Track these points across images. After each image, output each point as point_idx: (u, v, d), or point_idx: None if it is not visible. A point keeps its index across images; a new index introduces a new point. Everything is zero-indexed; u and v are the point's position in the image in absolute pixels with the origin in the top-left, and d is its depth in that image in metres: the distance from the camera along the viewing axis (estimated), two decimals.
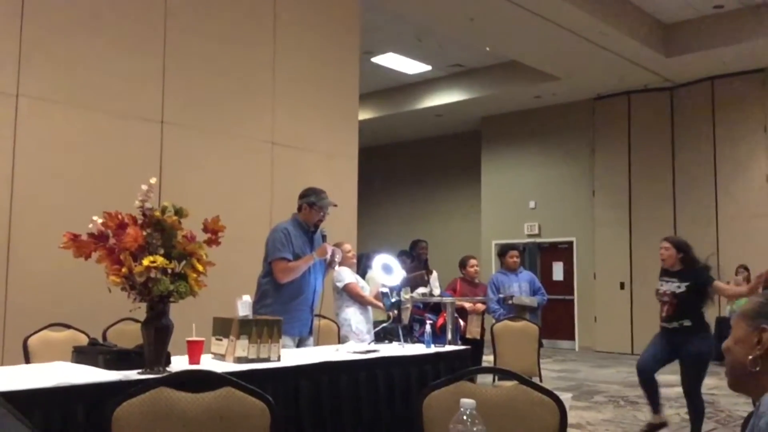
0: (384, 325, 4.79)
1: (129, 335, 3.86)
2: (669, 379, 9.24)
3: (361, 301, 5.64)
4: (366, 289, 5.86)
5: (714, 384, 8.81)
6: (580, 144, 13.81)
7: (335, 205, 4.65)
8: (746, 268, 10.58)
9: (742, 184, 11.90)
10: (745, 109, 11.91)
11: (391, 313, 5.43)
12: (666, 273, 5.46)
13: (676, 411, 6.86)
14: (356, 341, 5.04)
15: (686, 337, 5.26)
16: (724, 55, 11.03)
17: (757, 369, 1.43)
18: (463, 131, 15.77)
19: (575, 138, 13.90)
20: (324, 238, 4.65)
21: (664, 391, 8.10)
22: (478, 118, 14.97)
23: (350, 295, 5.67)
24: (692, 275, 5.29)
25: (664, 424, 5.33)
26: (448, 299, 6.37)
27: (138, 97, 5.87)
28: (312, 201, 4.57)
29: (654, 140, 12.81)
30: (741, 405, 6.97)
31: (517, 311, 6.60)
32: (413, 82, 13.82)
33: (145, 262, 2.71)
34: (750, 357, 1.44)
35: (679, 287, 5.30)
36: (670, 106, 12.77)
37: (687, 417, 6.51)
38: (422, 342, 4.66)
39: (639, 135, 13.01)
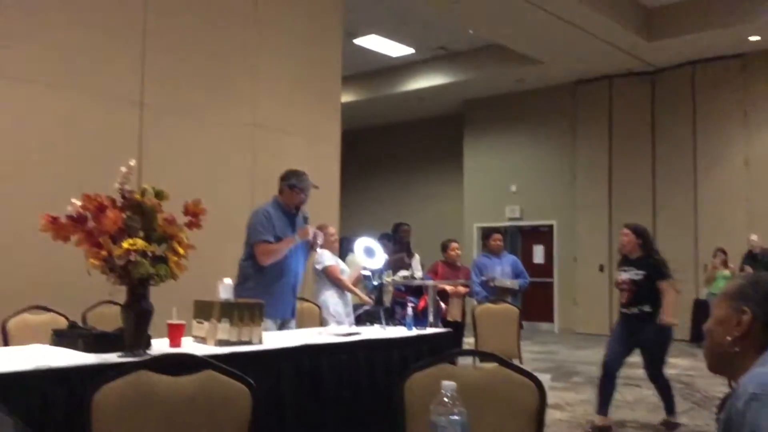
0: (366, 307, 4.80)
1: (109, 318, 3.83)
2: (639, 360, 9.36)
3: (338, 285, 5.65)
4: (346, 272, 5.86)
5: (691, 365, 8.94)
6: (562, 128, 13.86)
7: (316, 187, 4.63)
8: (724, 252, 10.71)
9: (721, 168, 12.02)
10: (725, 93, 12.01)
11: (369, 298, 5.45)
12: (625, 262, 5.52)
13: (652, 391, 6.95)
14: (334, 324, 5.05)
15: (645, 323, 5.31)
16: (704, 39, 11.09)
17: (736, 350, 1.45)
18: (445, 114, 15.76)
19: (557, 122, 13.95)
20: (306, 220, 4.63)
21: (633, 372, 8.23)
22: (460, 101, 14.96)
23: (329, 278, 5.68)
24: (650, 266, 5.35)
25: (609, 428, 5.35)
26: (429, 282, 6.40)
27: (117, 78, 5.80)
28: (293, 183, 4.54)
29: (635, 124, 12.88)
30: (717, 386, 7.08)
31: (499, 294, 6.64)
32: (396, 65, 13.76)
33: (125, 245, 2.69)
34: (729, 338, 1.46)
35: (637, 274, 5.35)
36: (651, 91, 12.84)
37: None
38: (404, 325, 4.68)
39: (620, 119, 13.08)
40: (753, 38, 11.17)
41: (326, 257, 5.67)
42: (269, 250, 4.37)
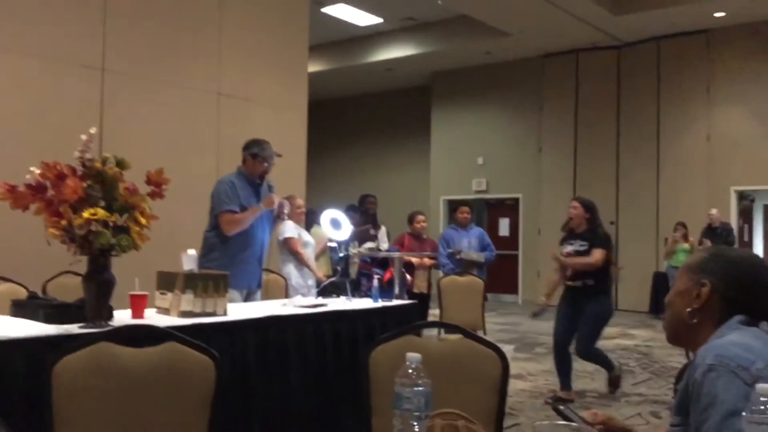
0: (332, 279, 4.79)
1: (69, 289, 3.77)
2: (608, 331, 9.56)
3: (297, 258, 5.61)
4: (311, 244, 5.83)
5: (649, 336, 9.16)
6: (529, 101, 13.92)
7: (279, 155, 4.58)
8: (684, 225, 10.92)
9: (683, 143, 12.21)
10: (689, 69, 12.15)
11: (324, 276, 5.44)
12: (570, 236, 5.55)
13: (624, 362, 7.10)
14: (300, 296, 5.03)
15: (588, 296, 5.34)
16: (670, 15, 11.18)
17: (695, 321, 1.48)
18: (413, 86, 15.70)
19: (524, 95, 13.99)
20: (270, 188, 4.59)
21: (602, 343, 8.40)
22: (428, 73, 14.90)
23: (289, 250, 5.65)
24: (593, 237, 5.36)
25: (571, 400, 5.38)
26: (395, 254, 6.41)
27: (77, 43, 5.64)
28: (255, 152, 4.49)
29: (600, 99, 12.99)
30: (675, 356, 7.26)
31: (466, 266, 6.69)
32: (364, 35, 13.63)
33: (86, 214, 2.64)
34: (689, 309, 1.49)
35: (582, 245, 5.37)
36: (616, 65, 12.93)
37: (623, 368, 6.77)
38: (369, 296, 4.69)
39: (586, 93, 13.18)
40: (718, 14, 11.30)
41: (288, 229, 5.63)
42: (234, 219, 4.33)
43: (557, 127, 13.46)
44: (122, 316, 3.18)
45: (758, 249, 13.02)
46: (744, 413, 1.05)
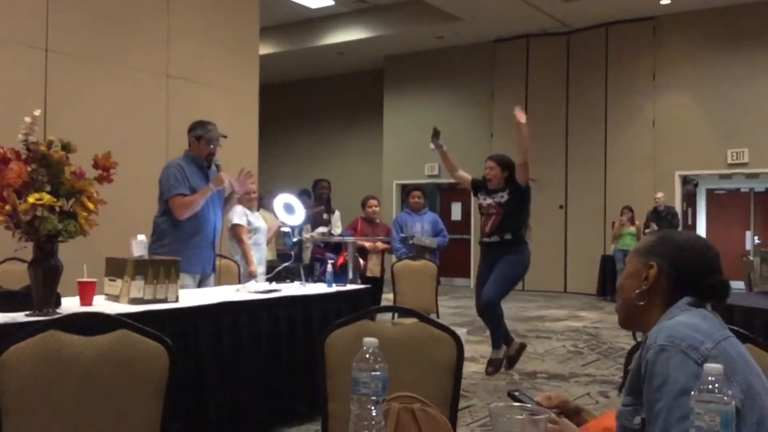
0: (286, 264, 4.76)
1: (15, 276, 3.67)
2: (557, 313, 9.75)
3: (239, 247, 5.52)
4: (261, 229, 5.74)
5: (597, 318, 9.37)
6: (481, 86, 14.01)
7: (225, 137, 4.52)
8: (630, 209, 11.19)
9: (630, 129, 12.47)
10: (636, 56, 12.39)
11: (273, 257, 5.38)
12: (490, 192, 5.40)
13: (561, 343, 7.26)
14: (252, 281, 4.99)
15: (504, 250, 5.18)
16: (618, 1, 11.37)
17: (643, 303, 1.51)
18: (366, 70, 15.64)
19: (476, 80, 14.08)
20: (218, 167, 4.52)
21: (544, 325, 8.58)
22: (381, 57, 14.86)
23: (234, 237, 5.55)
24: (514, 189, 5.25)
25: (522, 346, 5.36)
26: (348, 239, 6.41)
27: (19, 22, 5.45)
28: (199, 134, 4.42)
29: (550, 84, 13.16)
30: (622, 338, 7.45)
31: (418, 251, 6.72)
32: (315, 17, 13.49)
33: (31, 199, 2.56)
34: (637, 291, 1.52)
35: (503, 197, 5.23)
36: (566, 51, 13.11)
37: (572, 349, 6.94)
38: (323, 281, 4.69)
39: (536, 79, 13.33)
40: (664, 2, 11.54)
41: (237, 215, 5.54)
42: (185, 202, 4.26)
43: (508, 112, 13.44)
44: (70, 304, 3.11)
45: (701, 232, 13.41)
46: (694, 392, 1.08)
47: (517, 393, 1.55)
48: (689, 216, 13.66)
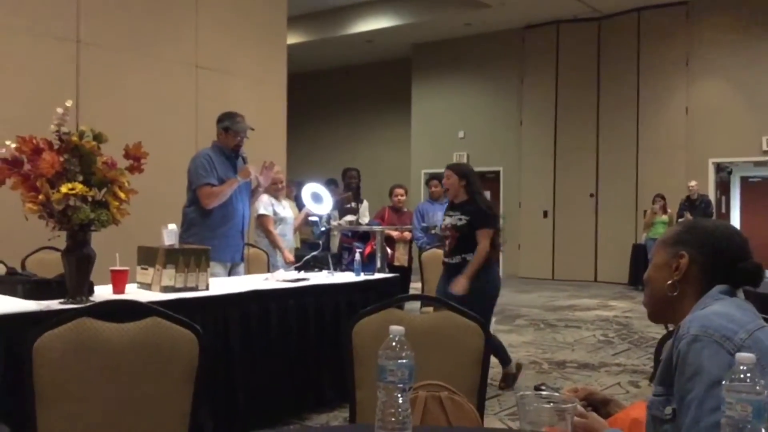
0: (314, 253, 4.78)
1: (49, 264, 3.74)
2: (588, 303, 9.68)
3: (268, 238, 5.53)
4: (287, 219, 5.72)
5: (628, 307, 9.27)
6: (510, 73, 13.89)
7: (252, 129, 4.56)
8: (663, 197, 11.03)
9: (662, 115, 12.27)
10: (669, 41, 12.17)
11: (293, 258, 5.36)
12: (451, 207, 4.90)
13: (592, 333, 7.21)
14: (281, 270, 5.01)
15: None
16: None
17: (675, 294, 1.49)
18: (393, 58, 15.59)
19: (505, 67, 13.95)
20: (244, 160, 4.57)
21: (573, 314, 8.51)
22: (409, 45, 14.80)
23: (260, 227, 5.56)
24: (473, 212, 4.66)
25: (514, 374, 4.96)
26: (376, 228, 6.42)
27: (51, 14, 5.52)
28: (227, 125, 4.48)
29: (581, 71, 12.99)
30: (653, 327, 7.37)
31: (439, 240, 6.67)
32: (344, 6, 13.47)
33: (64, 189, 2.60)
34: (669, 282, 1.50)
35: (460, 219, 4.69)
36: (597, 37, 12.92)
37: (603, 338, 6.88)
38: (351, 270, 4.70)
39: (566, 65, 13.17)
40: None
41: (263, 205, 5.54)
42: (213, 192, 4.32)
43: (537, 99, 13.45)
44: (103, 292, 3.16)
45: (735, 220, 13.16)
46: (725, 382, 1.07)
47: (543, 387, 1.55)
48: (723, 204, 13.41)
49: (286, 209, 5.81)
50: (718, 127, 11.70)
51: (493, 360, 4.18)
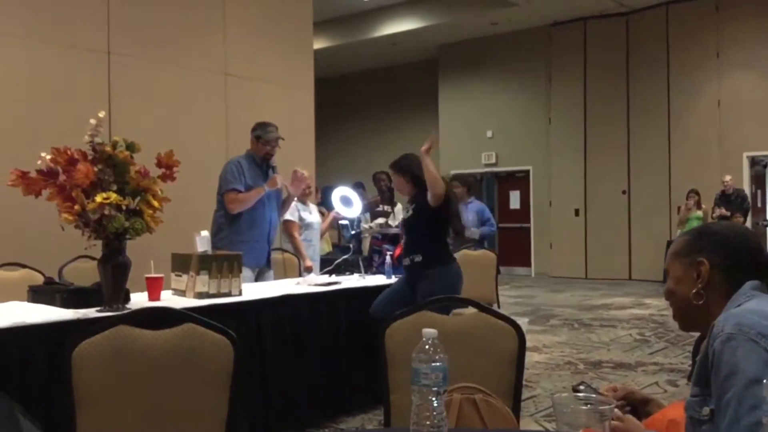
0: (345, 257, 4.80)
1: (85, 273, 3.81)
2: (622, 301, 9.56)
3: (291, 243, 5.52)
4: (313, 224, 5.70)
5: (664, 305, 9.12)
6: (537, 71, 13.79)
7: (282, 139, 4.62)
8: (697, 193, 10.85)
9: (694, 110, 12.09)
10: (699, 34, 11.98)
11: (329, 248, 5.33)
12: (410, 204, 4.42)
13: (627, 332, 7.12)
14: (313, 275, 5.03)
15: (418, 275, 4.06)
16: None
17: (702, 302, 1.47)
18: (419, 60, 15.57)
19: (532, 66, 13.86)
20: (273, 169, 4.62)
21: (608, 313, 8.41)
22: (434, 46, 14.78)
23: (285, 231, 5.54)
24: (417, 196, 4.19)
25: None
26: None
27: (82, 26, 5.62)
28: (258, 134, 4.57)
29: (609, 67, 12.85)
30: None
31: (460, 242, 6.61)
32: (368, 9, 13.50)
33: (98, 198, 2.65)
34: (693, 291, 1.48)
35: (408, 212, 4.25)
36: (625, 33, 12.77)
37: (639, 337, 6.79)
38: (382, 273, 4.71)
39: (595, 62, 13.04)
40: None
41: (288, 211, 5.52)
42: (238, 198, 4.41)
43: (566, 97, 13.34)
44: (139, 299, 3.20)
45: None
46: (765, 380, 1.05)
47: (581, 387, 1.53)
48: (758, 198, 13.16)
49: (313, 214, 5.81)
50: (752, 120, 11.49)
51: (528, 360, 4.06)
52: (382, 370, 2.15)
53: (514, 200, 14.32)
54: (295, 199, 5.43)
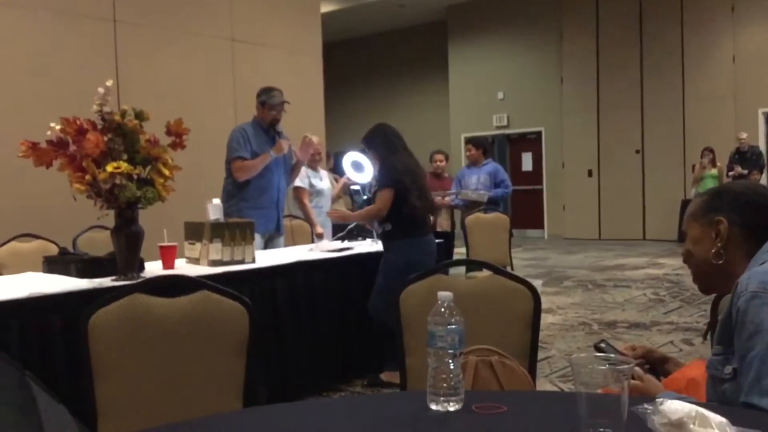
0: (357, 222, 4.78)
1: (99, 243, 3.83)
2: (636, 261, 9.53)
3: (301, 210, 5.50)
4: (324, 190, 5.68)
5: (678, 264, 9.09)
6: (548, 31, 13.58)
7: (287, 103, 4.57)
8: (711, 151, 10.73)
9: (708, 66, 11.89)
10: None
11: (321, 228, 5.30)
12: None
13: (642, 291, 7.11)
14: (326, 240, 5.02)
15: (386, 245, 4.00)
16: None
17: (723, 261, 1.45)
18: (428, 22, 15.38)
19: (543, 25, 13.65)
20: (280, 134, 4.59)
21: (622, 273, 8.39)
22: (443, 7, 14.57)
23: (295, 198, 5.52)
24: (380, 176, 4.06)
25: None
26: None
27: None
28: (263, 100, 4.53)
29: (622, 23, 12.63)
30: None
31: (471, 205, 6.60)
32: None
33: (109, 168, 2.64)
34: (713, 251, 1.46)
35: (372, 182, 4.17)
36: None
37: (653, 297, 6.78)
38: None
39: (607, 18, 12.81)
40: None
41: (298, 177, 5.49)
42: (244, 166, 4.39)
43: (578, 55, 13.14)
44: (153, 268, 3.22)
45: None
46: None
47: (603, 345, 1.52)
48: None
49: (323, 181, 5.78)
50: None
51: (542, 322, 4.09)
52: (397, 334, 2.15)
53: (527, 162, 14.23)
54: (306, 165, 5.41)
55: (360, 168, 5.30)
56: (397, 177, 3.89)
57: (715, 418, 1.02)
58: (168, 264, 3.28)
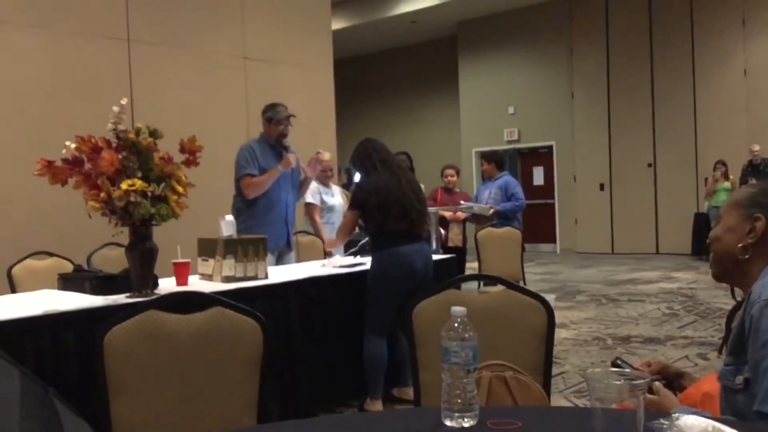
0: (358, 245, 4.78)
1: (113, 260, 3.85)
2: (650, 275, 9.47)
3: (312, 226, 5.51)
4: (335, 206, 5.69)
5: (692, 278, 9.04)
6: (558, 45, 13.61)
7: (293, 116, 4.59)
8: (724, 164, 10.68)
9: (720, 78, 11.86)
10: (723, 2, 11.72)
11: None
12: None
13: (656, 306, 7.06)
14: (337, 256, 5.02)
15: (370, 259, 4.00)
16: None
17: (746, 257, 1.44)
18: (439, 37, 15.45)
19: (553, 39, 13.68)
20: (287, 149, 4.61)
21: (636, 288, 8.34)
22: (453, 23, 14.64)
23: (307, 214, 5.52)
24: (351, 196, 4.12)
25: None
26: (430, 209, 6.38)
27: (101, 15, 5.64)
28: (269, 116, 4.56)
29: (632, 38, 12.63)
30: (720, 298, 7.18)
31: (480, 220, 6.58)
32: None
33: (124, 186, 2.66)
34: (740, 245, 1.45)
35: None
36: (647, 2, 12.54)
37: (668, 311, 6.73)
38: None
39: (617, 33, 12.82)
40: None
41: (309, 193, 5.50)
42: (253, 183, 4.42)
43: (589, 70, 13.15)
44: (167, 284, 3.23)
45: None
46: None
47: (619, 362, 1.52)
48: None
49: (335, 197, 5.77)
50: None
51: (556, 337, 4.09)
52: (410, 349, 2.15)
53: (538, 176, 14.20)
54: (317, 181, 5.42)
55: None
56: (362, 198, 3.86)
57: None
58: (181, 280, 3.30)
